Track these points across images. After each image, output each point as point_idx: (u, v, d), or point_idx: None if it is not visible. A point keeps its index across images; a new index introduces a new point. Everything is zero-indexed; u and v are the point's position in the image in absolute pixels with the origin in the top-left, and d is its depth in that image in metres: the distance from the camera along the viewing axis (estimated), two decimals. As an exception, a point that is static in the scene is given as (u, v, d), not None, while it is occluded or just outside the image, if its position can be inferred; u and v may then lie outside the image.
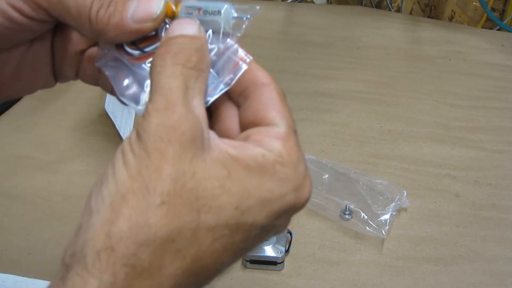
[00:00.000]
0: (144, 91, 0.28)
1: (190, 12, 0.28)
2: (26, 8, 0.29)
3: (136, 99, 0.28)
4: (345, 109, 0.88)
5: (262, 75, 0.28)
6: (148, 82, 0.28)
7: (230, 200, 0.23)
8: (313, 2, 1.27)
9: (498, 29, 1.18)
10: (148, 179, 0.22)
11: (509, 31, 1.15)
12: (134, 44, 0.29)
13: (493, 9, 1.19)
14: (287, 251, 0.63)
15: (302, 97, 0.91)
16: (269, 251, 0.61)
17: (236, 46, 0.29)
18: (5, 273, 0.59)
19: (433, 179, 0.74)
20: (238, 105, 0.29)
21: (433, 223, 0.68)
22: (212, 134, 0.25)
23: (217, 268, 0.24)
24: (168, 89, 0.24)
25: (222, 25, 0.28)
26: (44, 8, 0.29)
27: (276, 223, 0.25)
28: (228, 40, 0.28)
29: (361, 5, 1.26)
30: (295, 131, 0.27)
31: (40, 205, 0.68)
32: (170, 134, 0.23)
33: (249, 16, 0.28)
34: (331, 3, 1.30)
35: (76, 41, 0.34)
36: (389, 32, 1.11)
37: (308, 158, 0.74)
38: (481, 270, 0.62)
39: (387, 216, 0.65)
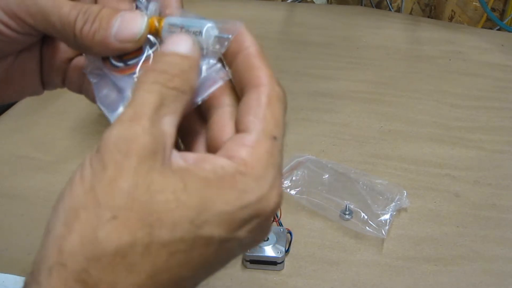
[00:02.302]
0: (123, 102, 0.28)
1: (172, 31, 0.28)
2: (12, 23, 0.29)
3: (113, 109, 0.29)
4: (345, 109, 0.88)
5: (261, 75, 0.27)
6: (127, 93, 0.28)
7: (185, 213, 0.22)
8: (313, 2, 1.27)
9: (498, 29, 1.18)
10: (100, 193, 0.22)
11: (509, 31, 1.15)
12: (118, 56, 0.30)
13: (493, 9, 1.19)
14: (287, 251, 0.63)
15: (302, 97, 0.91)
16: (269, 251, 0.61)
17: (218, 65, 0.29)
18: (5, 273, 0.59)
19: (433, 179, 0.74)
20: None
21: (433, 223, 0.68)
22: (175, 153, 0.24)
23: (176, 283, 0.23)
24: (139, 103, 0.24)
25: (204, 46, 0.28)
26: (29, 23, 0.29)
27: (238, 235, 0.24)
28: (211, 60, 0.28)
29: (361, 5, 1.26)
30: (273, 137, 0.25)
31: (40, 205, 0.68)
32: (129, 146, 0.22)
33: (230, 36, 0.28)
34: (331, 3, 1.30)
35: (63, 50, 0.34)
36: (389, 32, 1.11)
37: (308, 158, 0.74)
38: (481, 270, 0.62)
39: (387, 216, 0.65)
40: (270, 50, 1.05)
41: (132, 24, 0.28)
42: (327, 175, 0.71)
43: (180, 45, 0.26)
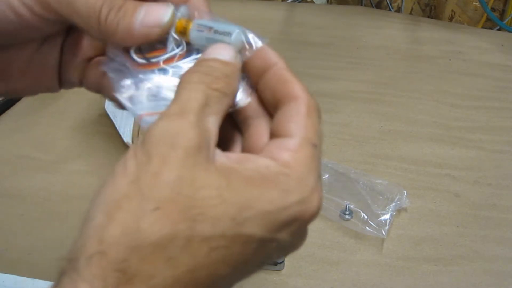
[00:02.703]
0: (139, 93, 0.29)
1: (201, 30, 0.29)
2: (36, 6, 0.29)
3: (131, 101, 0.29)
4: (345, 109, 0.88)
5: (297, 88, 0.28)
6: (147, 86, 0.28)
7: (227, 210, 0.22)
8: (313, 2, 1.27)
9: (498, 29, 1.18)
10: (144, 184, 0.22)
11: (509, 31, 1.15)
12: (141, 53, 0.30)
13: (493, 9, 1.19)
14: (287, 251, 0.63)
15: (302, 97, 0.91)
16: (269, 251, 0.61)
17: (245, 75, 0.29)
18: (5, 273, 0.59)
19: (433, 179, 0.74)
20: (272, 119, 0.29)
21: (433, 223, 0.68)
22: (218, 151, 0.25)
23: (213, 281, 0.23)
24: (186, 100, 0.24)
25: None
26: (54, 8, 0.29)
27: (278, 236, 0.24)
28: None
29: (361, 5, 1.26)
30: (314, 145, 0.26)
31: (40, 205, 0.68)
32: (175, 139, 0.23)
33: (259, 45, 0.29)
34: (331, 3, 1.30)
35: (85, 47, 0.34)
36: (389, 32, 1.11)
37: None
38: (481, 270, 0.62)
39: (387, 216, 0.65)
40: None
41: (158, 11, 0.28)
42: (327, 175, 0.71)
43: (222, 52, 0.27)
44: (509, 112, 0.88)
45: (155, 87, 0.29)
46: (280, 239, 0.24)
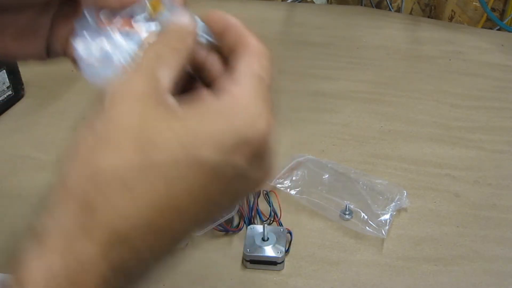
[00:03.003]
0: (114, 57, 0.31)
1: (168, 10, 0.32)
2: None
3: (85, 50, 0.32)
4: (345, 109, 0.88)
5: (250, 39, 0.31)
6: (104, 43, 0.31)
7: (176, 139, 0.24)
8: (313, 2, 1.27)
9: (498, 29, 1.18)
10: (98, 126, 0.24)
11: (509, 31, 1.15)
12: (112, 17, 0.32)
13: (493, 9, 1.19)
14: (287, 251, 0.63)
15: (302, 97, 0.91)
16: (269, 251, 0.61)
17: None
18: (5, 273, 0.59)
19: (433, 179, 0.74)
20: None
21: (433, 223, 0.68)
22: (171, 97, 0.26)
23: (179, 213, 0.24)
24: (140, 57, 0.27)
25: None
26: None
27: (233, 161, 0.25)
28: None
29: (361, 5, 1.26)
30: (260, 77, 0.28)
31: (40, 205, 0.68)
32: (126, 88, 0.25)
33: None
34: (331, 3, 1.30)
35: (71, 22, 0.36)
36: (389, 32, 1.12)
37: (308, 158, 0.74)
38: (481, 270, 0.62)
39: (387, 216, 0.65)
40: (270, 50, 1.04)
41: None
42: (327, 175, 0.71)
43: (179, 16, 0.30)
44: (509, 112, 0.88)
45: (110, 46, 0.31)
46: (236, 165, 0.25)
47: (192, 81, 0.32)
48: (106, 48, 0.31)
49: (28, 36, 0.36)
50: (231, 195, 0.27)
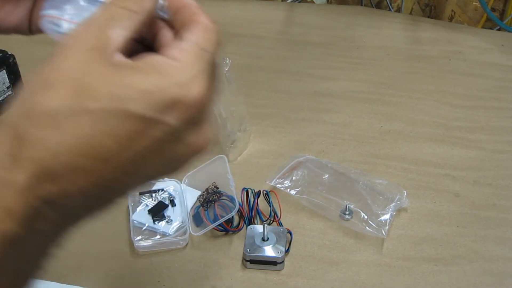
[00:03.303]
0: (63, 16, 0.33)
1: None
2: None
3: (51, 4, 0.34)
4: (345, 109, 0.88)
5: (202, 16, 0.31)
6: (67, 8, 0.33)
7: (109, 89, 0.26)
8: (313, 2, 1.27)
9: (498, 29, 1.18)
10: (44, 71, 0.26)
11: (509, 31, 1.15)
12: None
13: (493, 9, 1.19)
14: (287, 251, 0.63)
15: (302, 97, 0.91)
16: (269, 251, 0.61)
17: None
18: None
19: (433, 179, 0.74)
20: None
21: (433, 223, 0.68)
22: (119, 54, 0.28)
23: (102, 155, 0.26)
24: (94, 17, 0.28)
25: None
26: None
27: (164, 119, 0.26)
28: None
29: (361, 5, 1.26)
30: (203, 49, 0.29)
31: (40, 205, 0.68)
32: (74, 41, 0.27)
33: None
34: (331, 3, 1.30)
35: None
36: (389, 32, 1.12)
37: (308, 158, 0.74)
38: (481, 270, 0.62)
39: (387, 216, 0.65)
40: (270, 50, 1.05)
41: None
42: (327, 175, 0.71)
43: None
44: (509, 112, 0.88)
45: (75, 11, 0.33)
46: (166, 123, 0.26)
47: (146, 49, 0.33)
48: (71, 12, 0.33)
49: (11, 5, 0.37)
50: (165, 156, 0.28)
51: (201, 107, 0.28)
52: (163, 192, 0.69)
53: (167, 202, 0.68)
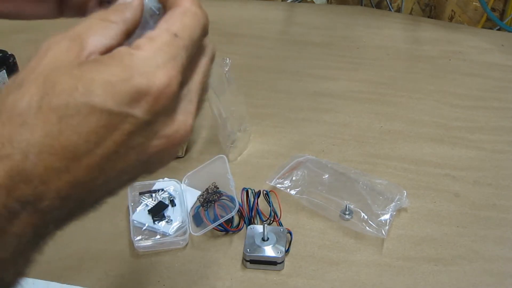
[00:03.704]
0: None
1: None
2: None
3: None
4: (345, 109, 0.88)
5: (187, 2, 0.30)
6: None
7: (73, 84, 0.25)
8: (313, 2, 1.27)
9: (498, 29, 1.18)
10: (20, 74, 0.27)
11: (509, 31, 1.15)
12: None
13: (493, 9, 1.19)
14: (287, 251, 0.63)
15: (302, 97, 0.91)
16: (269, 251, 0.61)
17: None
18: None
19: (433, 179, 0.74)
20: None
21: (433, 223, 0.68)
22: (95, 53, 0.28)
23: (72, 153, 0.25)
24: (76, 26, 0.29)
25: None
26: None
27: (131, 112, 0.26)
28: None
29: (361, 5, 1.26)
30: (174, 34, 0.28)
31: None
32: (50, 45, 0.27)
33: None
34: (331, 3, 1.30)
35: None
36: (389, 32, 1.11)
37: (308, 158, 0.74)
38: (481, 270, 0.62)
39: (387, 216, 0.65)
40: (270, 50, 1.05)
41: None
42: (327, 175, 0.71)
43: None
44: (509, 112, 0.88)
45: None
46: (136, 115, 0.26)
47: None
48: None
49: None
50: (141, 151, 0.28)
51: (171, 97, 0.27)
52: (163, 192, 0.69)
53: (167, 202, 0.68)
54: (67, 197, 0.26)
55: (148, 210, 0.67)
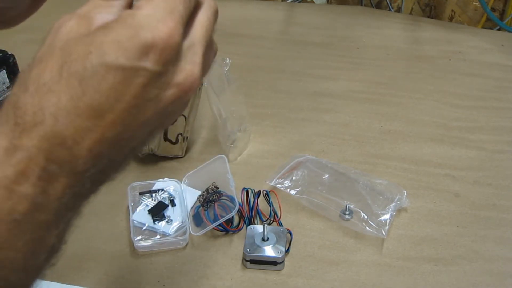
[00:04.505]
0: None
1: None
2: None
3: None
4: (345, 109, 0.88)
5: None
6: None
7: (86, 49, 0.28)
8: (313, 2, 1.27)
9: (498, 29, 1.18)
10: (38, 51, 0.29)
11: (509, 31, 1.15)
12: None
13: (493, 9, 1.19)
14: (287, 251, 0.63)
15: (302, 97, 0.91)
16: (269, 251, 0.61)
17: None
18: None
19: (433, 179, 0.74)
20: None
21: (433, 223, 0.68)
22: (104, 20, 0.30)
23: (96, 111, 0.28)
24: (81, 7, 0.31)
25: None
26: None
27: (143, 64, 0.28)
28: None
29: (361, 5, 1.26)
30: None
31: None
32: (65, 22, 0.30)
33: None
34: (331, 3, 1.30)
35: None
36: (389, 32, 1.12)
37: (308, 158, 0.74)
38: (481, 270, 0.62)
39: (387, 216, 0.65)
40: (270, 50, 1.05)
41: None
42: (327, 175, 0.71)
43: None
44: (509, 112, 0.88)
45: None
46: (147, 68, 0.28)
47: None
48: None
49: None
50: (158, 102, 0.29)
51: (175, 47, 0.29)
52: (163, 192, 0.69)
53: (167, 202, 0.68)
54: (99, 154, 0.28)
55: (148, 210, 0.67)
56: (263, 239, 0.62)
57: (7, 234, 0.27)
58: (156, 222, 0.66)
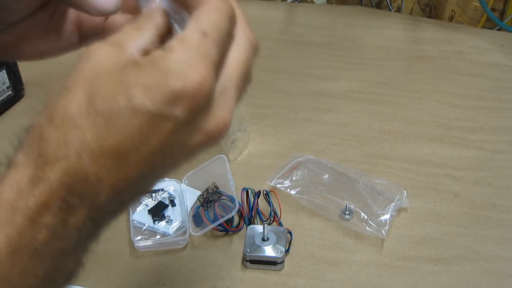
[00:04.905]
0: None
1: None
2: None
3: None
4: (345, 109, 0.88)
5: None
6: None
7: (116, 87, 0.27)
8: (313, 2, 1.27)
9: (498, 29, 1.18)
10: (68, 80, 0.29)
11: (509, 31, 1.15)
12: None
13: (493, 9, 1.19)
14: (287, 251, 0.63)
15: (302, 97, 0.91)
16: (269, 251, 0.61)
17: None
18: None
19: (433, 179, 0.74)
20: None
21: (433, 223, 0.68)
22: (137, 55, 0.30)
23: (120, 152, 0.27)
24: (113, 35, 0.31)
25: None
26: None
27: (171, 112, 0.27)
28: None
29: (361, 5, 1.26)
30: (204, 33, 0.29)
31: (40, 205, 0.68)
32: (96, 51, 0.29)
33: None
34: (331, 3, 1.30)
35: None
36: (389, 32, 1.11)
37: (308, 158, 0.74)
38: (481, 270, 0.62)
39: (387, 216, 0.65)
40: (270, 50, 1.05)
41: None
42: (327, 175, 0.71)
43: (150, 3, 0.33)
44: (509, 112, 0.88)
45: None
46: (175, 115, 0.27)
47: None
48: None
49: (57, 28, 0.38)
50: (184, 146, 0.29)
51: (206, 95, 0.28)
52: (163, 192, 0.69)
53: (167, 202, 0.68)
54: (120, 191, 0.28)
55: (148, 210, 0.67)
56: (263, 239, 0.62)
57: (28, 262, 0.27)
58: (156, 222, 0.66)
